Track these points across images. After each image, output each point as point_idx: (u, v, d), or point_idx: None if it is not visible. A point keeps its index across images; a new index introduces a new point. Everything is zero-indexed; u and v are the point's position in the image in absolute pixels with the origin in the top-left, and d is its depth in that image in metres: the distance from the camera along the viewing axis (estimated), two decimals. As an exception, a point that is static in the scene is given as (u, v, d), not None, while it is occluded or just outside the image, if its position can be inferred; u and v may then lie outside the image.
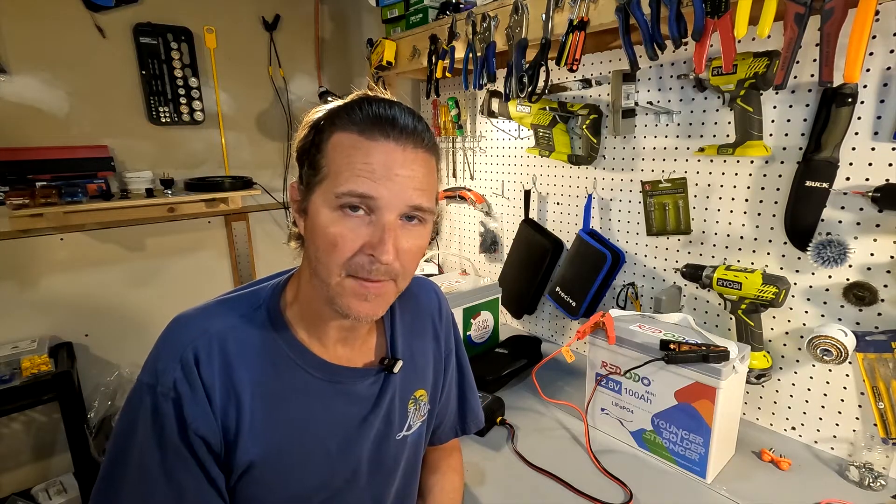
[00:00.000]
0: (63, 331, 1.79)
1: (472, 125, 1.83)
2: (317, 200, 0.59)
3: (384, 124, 0.57)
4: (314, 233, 0.60)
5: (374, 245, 0.57)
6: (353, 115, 0.58)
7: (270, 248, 2.21)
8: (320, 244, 0.59)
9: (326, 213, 0.58)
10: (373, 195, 0.56)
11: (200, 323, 0.63)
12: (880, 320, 0.97)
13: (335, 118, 0.60)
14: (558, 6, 1.15)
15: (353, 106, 0.59)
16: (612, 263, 1.38)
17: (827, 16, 0.81)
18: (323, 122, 0.60)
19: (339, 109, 0.60)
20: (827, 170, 0.97)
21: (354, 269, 0.58)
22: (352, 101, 0.61)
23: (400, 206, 0.58)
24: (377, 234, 0.57)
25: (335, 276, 0.59)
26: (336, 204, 0.57)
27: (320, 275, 0.60)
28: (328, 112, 0.61)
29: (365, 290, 0.59)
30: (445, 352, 0.86)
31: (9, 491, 1.73)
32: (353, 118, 0.58)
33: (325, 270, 0.59)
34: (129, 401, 0.60)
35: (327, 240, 0.58)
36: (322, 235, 0.58)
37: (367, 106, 0.59)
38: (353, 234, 0.57)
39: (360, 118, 0.58)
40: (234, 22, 1.97)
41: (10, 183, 1.57)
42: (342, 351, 0.70)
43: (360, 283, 0.59)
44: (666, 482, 0.99)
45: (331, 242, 0.58)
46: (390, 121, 0.58)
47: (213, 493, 0.61)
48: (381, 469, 0.75)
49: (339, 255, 0.58)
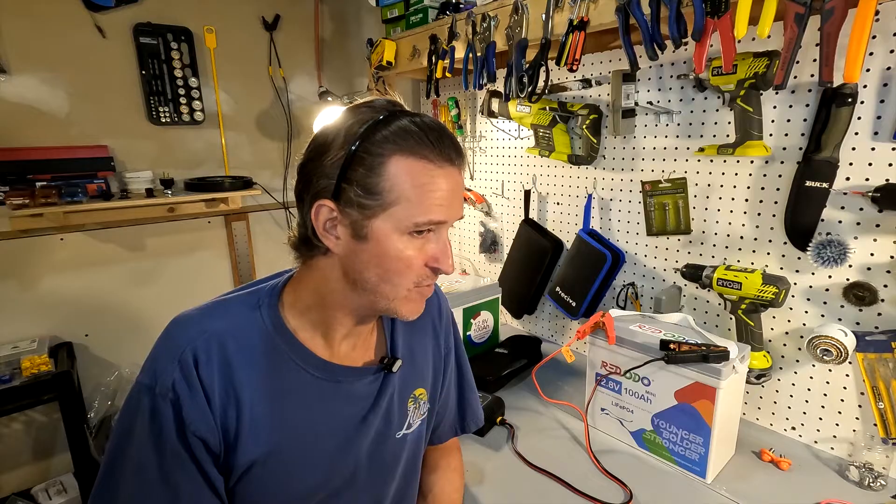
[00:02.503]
0: (63, 331, 1.79)
1: (472, 125, 1.83)
2: (383, 226, 0.59)
3: (447, 149, 0.60)
4: (383, 257, 0.61)
5: (440, 259, 0.63)
6: (412, 136, 0.58)
7: (270, 248, 2.20)
8: (392, 266, 0.61)
9: (397, 237, 0.60)
10: (447, 220, 0.62)
11: (199, 323, 0.62)
12: (880, 320, 0.97)
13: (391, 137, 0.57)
14: (558, 6, 1.15)
15: (402, 122, 0.58)
16: (612, 263, 1.38)
17: (827, 16, 0.81)
18: (363, 140, 0.57)
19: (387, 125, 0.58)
20: (827, 170, 0.97)
21: (422, 280, 0.64)
22: (395, 116, 0.59)
23: (454, 221, 0.64)
24: (440, 249, 0.63)
25: (403, 291, 0.63)
26: (411, 229, 0.60)
27: (383, 292, 0.63)
28: (369, 127, 0.57)
29: (427, 293, 0.67)
30: (445, 350, 0.86)
31: (9, 491, 1.73)
32: (418, 142, 0.58)
33: (394, 289, 0.63)
34: (127, 402, 0.60)
35: (402, 263, 0.61)
36: (395, 260, 0.61)
37: (421, 123, 0.59)
38: (421, 252, 0.62)
39: (423, 141, 0.58)
40: (234, 22, 1.97)
41: (10, 183, 1.57)
42: (343, 350, 0.70)
43: (423, 290, 0.66)
44: (666, 482, 0.99)
45: (406, 265, 0.61)
46: (451, 144, 0.60)
47: (209, 496, 0.61)
48: (381, 468, 0.75)
49: (412, 273, 0.62)
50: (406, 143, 0.57)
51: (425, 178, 0.58)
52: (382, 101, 0.62)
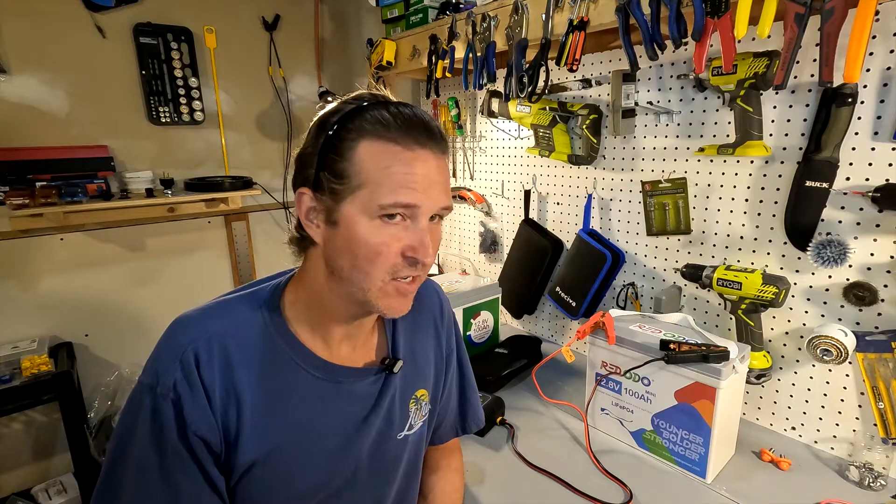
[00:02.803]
0: (63, 331, 1.79)
1: (472, 125, 1.83)
2: (351, 210, 0.59)
3: (418, 133, 0.58)
4: (352, 242, 0.59)
5: (416, 248, 0.60)
6: (381, 121, 0.58)
7: (270, 248, 2.20)
8: (361, 253, 0.59)
9: (366, 222, 0.58)
10: (417, 204, 0.59)
11: (201, 324, 0.63)
12: (880, 320, 0.97)
13: (361, 123, 0.58)
14: (558, 6, 1.15)
15: (376, 110, 0.59)
16: (612, 263, 1.38)
17: (827, 16, 0.81)
18: (338, 126, 0.59)
19: (361, 113, 0.59)
20: (827, 170, 0.97)
21: (398, 271, 0.61)
22: (372, 105, 0.60)
23: (434, 210, 0.61)
24: (417, 238, 0.60)
25: (377, 282, 0.61)
26: (377, 213, 0.58)
27: (356, 281, 0.61)
28: (343, 115, 0.59)
29: (406, 289, 0.63)
30: (447, 351, 0.86)
31: (9, 491, 1.73)
32: (385, 126, 0.58)
33: (366, 278, 0.60)
34: (129, 401, 0.61)
35: (370, 249, 0.59)
36: (364, 245, 0.59)
37: (395, 111, 0.59)
38: (394, 240, 0.59)
39: (391, 125, 0.58)
40: (234, 22, 1.97)
41: (10, 183, 1.57)
42: (344, 350, 0.70)
43: (402, 284, 0.62)
44: (666, 482, 0.99)
45: (374, 251, 0.59)
46: (423, 129, 0.59)
47: (210, 495, 0.61)
48: (382, 469, 0.75)
49: (383, 262, 0.59)
50: (375, 128, 0.58)
51: (391, 160, 0.57)
52: (367, 94, 0.63)
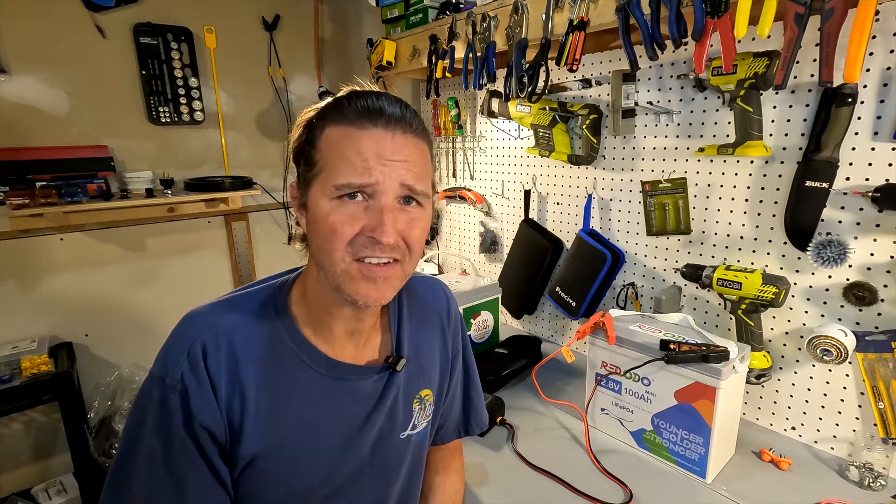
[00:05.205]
0: (63, 331, 1.79)
1: (472, 125, 1.83)
2: (315, 194, 0.61)
3: (372, 113, 0.60)
4: (315, 224, 0.61)
5: (374, 227, 0.59)
6: (342, 108, 0.61)
7: (270, 248, 2.20)
8: (321, 232, 0.60)
9: (325, 203, 0.60)
10: (369, 182, 0.58)
11: (209, 318, 0.64)
12: (880, 320, 0.97)
13: (326, 113, 0.62)
14: (558, 6, 1.15)
15: (341, 100, 0.62)
16: (612, 263, 1.38)
17: (827, 16, 0.81)
18: (315, 119, 0.63)
19: (330, 105, 0.63)
20: (827, 170, 0.97)
21: (358, 251, 0.60)
22: (341, 97, 0.63)
23: (395, 189, 0.60)
24: (376, 217, 0.59)
25: (340, 263, 0.60)
26: (334, 194, 0.59)
27: (325, 264, 0.62)
28: (319, 109, 0.63)
29: (373, 273, 0.61)
30: (452, 352, 0.86)
31: (9, 491, 1.73)
32: (342, 111, 0.60)
33: (330, 258, 0.60)
34: (140, 392, 0.63)
35: (327, 227, 0.59)
36: (322, 224, 0.60)
37: (356, 99, 0.61)
38: (353, 219, 0.59)
39: (349, 111, 0.60)
40: (234, 22, 1.97)
41: (10, 183, 1.57)
42: (348, 348, 0.71)
43: (367, 266, 0.61)
44: (666, 482, 0.99)
45: (330, 229, 0.59)
46: (378, 110, 0.60)
47: (215, 485, 0.62)
48: (384, 467, 0.75)
49: (339, 240, 0.59)
50: (335, 114, 0.61)
51: (344, 141, 0.59)
52: (351, 89, 0.64)
